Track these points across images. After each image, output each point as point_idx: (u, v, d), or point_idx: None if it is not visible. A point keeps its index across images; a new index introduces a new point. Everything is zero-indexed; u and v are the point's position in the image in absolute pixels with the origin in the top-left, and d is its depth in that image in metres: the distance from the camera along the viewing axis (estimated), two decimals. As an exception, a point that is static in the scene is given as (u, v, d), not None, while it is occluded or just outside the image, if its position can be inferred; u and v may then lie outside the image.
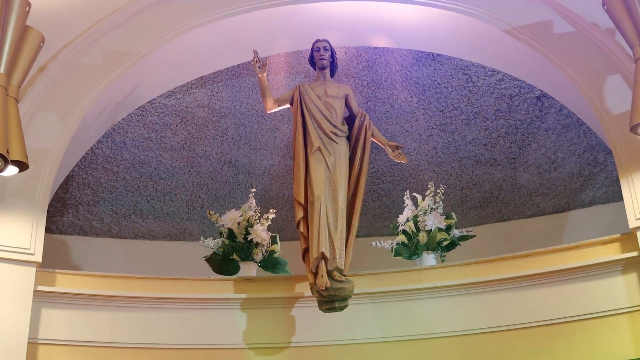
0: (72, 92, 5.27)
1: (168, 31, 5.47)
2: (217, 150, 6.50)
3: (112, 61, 5.38)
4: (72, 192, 6.30)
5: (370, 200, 6.76)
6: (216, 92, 6.22)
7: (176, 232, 6.74)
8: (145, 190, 6.50)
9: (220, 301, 5.23)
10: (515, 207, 6.70)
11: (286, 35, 5.86)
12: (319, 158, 5.14)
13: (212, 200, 6.67)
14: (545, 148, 6.39)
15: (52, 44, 5.11)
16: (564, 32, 5.37)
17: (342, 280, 4.89)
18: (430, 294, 5.19)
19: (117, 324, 5.07)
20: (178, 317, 5.17)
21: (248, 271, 5.44)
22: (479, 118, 6.37)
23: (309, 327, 5.19)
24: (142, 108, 6.08)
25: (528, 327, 5.00)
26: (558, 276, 4.99)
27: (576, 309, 4.92)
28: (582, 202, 6.53)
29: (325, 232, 4.91)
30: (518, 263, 5.13)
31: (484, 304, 5.12)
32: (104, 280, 5.15)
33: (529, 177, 6.56)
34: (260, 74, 5.37)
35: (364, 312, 5.20)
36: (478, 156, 6.54)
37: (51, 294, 4.94)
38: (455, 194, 6.66)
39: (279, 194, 6.76)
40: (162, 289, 5.20)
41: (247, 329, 5.19)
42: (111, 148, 6.21)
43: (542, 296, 5.02)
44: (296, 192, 5.11)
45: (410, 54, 6.10)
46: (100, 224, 6.53)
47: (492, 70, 6.07)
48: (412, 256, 5.57)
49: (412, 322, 5.16)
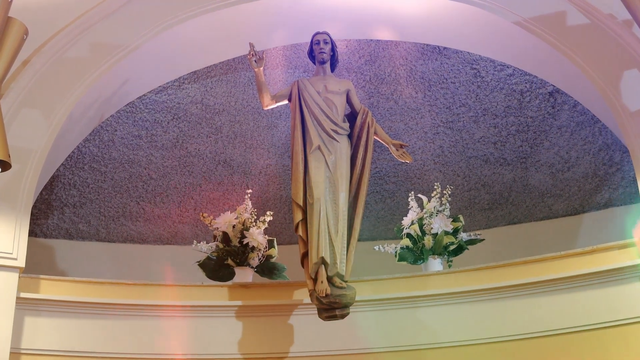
0: (58, 87, 5.26)
1: (159, 23, 5.46)
2: (210, 149, 6.50)
3: (99, 55, 5.37)
4: (57, 193, 6.30)
5: (373, 202, 6.76)
6: (210, 88, 6.22)
7: (167, 235, 6.75)
8: (134, 191, 6.51)
9: (214, 309, 5.22)
10: (527, 210, 6.71)
11: (284, 28, 5.85)
12: (319, 157, 5.13)
13: (205, 202, 6.68)
14: (558, 147, 6.39)
15: (36, 37, 5.09)
16: (578, 24, 5.36)
17: (343, 286, 4.88)
18: (436, 301, 5.19)
19: (105, 333, 5.06)
20: (170, 326, 5.15)
21: (244, 277, 5.43)
22: (488, 115, 6.37)
23: (308, 337, 5.19)
24: (131, 104, 6.07)
25: (539, 336, 4.99)
26: (572, 283, 4.98)
27: (591, 318, 4.91)
28: (597, 204, 6.54)
29: (325, 235, 4.90)
30: (529, 269, 5.12)
31: (493, 312, 5.11)
32: (91, 287, 5.13)
33: (540, 178, 6.56)
34: (257, 68, 5.37)
35: (366, 320, 5.19)
36: (487, 155, 6.54)
37: (35, 301, 4.93)
38: (462, 195, 6.67)
39: (277, 195, 6.76)
40: (152, 296, 5.19)
41: (242, 338, 5.18)
42: (99, 147, 6.20)
43: (555, 304, 5.01)
44: (294, 193, 5.10)
45: (415, 47, 6.10)
46: (87, 227, 6.53)
47: (502, 64, 6.06)
48: (417, 261, 5.58)
49: (417, 331, 5.16)
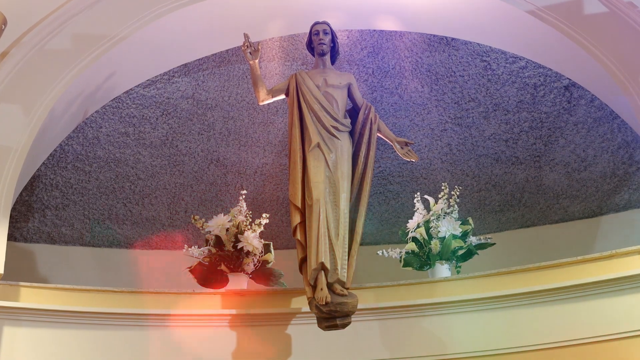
0: (38, 81, 5.27)
1: (148, 12, 5.47)
2: (202, 147, 6.50)
3: (83, 46, 5.38)
4: (38, 194, 6.30)
5: (376, 203, 6.76)
6: (202, 82, 6.22)
7: (156, 239, 6.74)
8: (121, 193, 6.50)
9: (206, 318, 5.24)
10: (540, 212, 6.71)
11: (281, 17, 5.85)
12: (318, 156, 5.14)
13: (197, 204, 6.68)
14: (574, 144, 6.39)
15: (15, 27, 5.09)
16: (595, 12, 5.36)
17: (344, 294, 4.89)
18: (444, 309, 5.20)
19: (90, 344, 5.06)
20: (159, 336, 5.16)
21: (238, 284, 5.44)
22: (499, 111, 6.37)
23: (307, 347, 5.19)
24: (117, 99, 6.07)
25: (554, 347, 4.99)
26: (589, 289, 4.99)
27: (609, 327, 4.91)
28: (616, 205, 6.54)
29: (325, 239, 4.91)
30: (543, 275, 5.13)
31: (505, 321, 5.12)
32: (75, 295, 5.14)
33: (555, 178, 6.57)
34: (252, 60, 5.39)
35: (369, 329, 5.20)
36: (498, 154, 6.54)
37: (14, 309, 4.94)
38: (472, 196, 6.67)
39: (273, 196, 6.76)
40: (140, 304, 5.20)
41: (236, 348, 5.18)
42: (83, 145, 6.20)
43: (571, 312, 5.01)
44: (292, 194, 5.12)
45: (422, 37, 6.10)
46: (70, 231, 6.53)
47: (514, 56, 6.06)
48: (424, 267, 5.59)
49: (423, 341, 5.17)
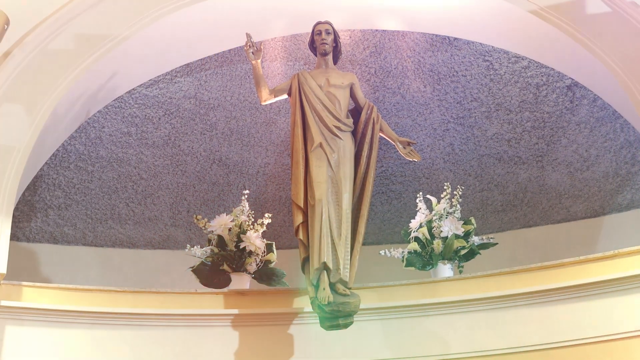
0: (41, 81, 5.27)
1: (150, 12, 5.46)
2: (205, 146, 6.51)
3: (86, 46, 5.38)
4: (40, 194, 6.30)
5: (378, 203, 6.76)
6: (204, 81, 6.22)
7: (159, 239, 6.75)
8: (123, 192, 6.51)
9: (208, 317, 5.23)
10: (543, 212, 6.71)
11: (283, 17, 5.85)
12: (321, 156, 5.14)
13: (199, 204, 6.68)
14: (576, 144, 6.39)
15: (17, 27, 5.11)
16: (598, 12, 5.36)
17: (347, 294, 4.90)
18: (446, 309, 5.20)
19: (92, 343, 5.06)
20: (161, 336, 5.16)
21: (240, 284, 5.43)
22: (502, 110, 6.37)
23: (309, 347, 5.19)
24: (120, 99, 6.08)
25: (557, 347, 4.99)
26: (592, 289, 4.98)
27: (612, 327, 4.90)
28: (619, 205, 6.53)
29: (327, 239, 4.92)
30: (546, 275, 5.12)
31: (507, 321, 5.11)
32: (77, 294, 5.14)
33: (558, 178, 6.56)
34: (254, 60, 5.38)
35: (371, 329, 5.20)
36: (500, 153, 6.54)
37: (17, 309, 4.94)
38: (474, 196, 6.67)
39: (275, 196, 6.76)
40: (143, 304, 5.20)
41: (239, 348, 5.18)
42: (85, 144, 6.21)
43: (574, 313, 5.01)
44: (294, 194, 5.12)
45: (424, 37, 6.11)
46: (73, 231, 6.53)
47: (517, 55, 6.07)
48: (426, 267, 5.58)
49: (426, 341, 5.17)
